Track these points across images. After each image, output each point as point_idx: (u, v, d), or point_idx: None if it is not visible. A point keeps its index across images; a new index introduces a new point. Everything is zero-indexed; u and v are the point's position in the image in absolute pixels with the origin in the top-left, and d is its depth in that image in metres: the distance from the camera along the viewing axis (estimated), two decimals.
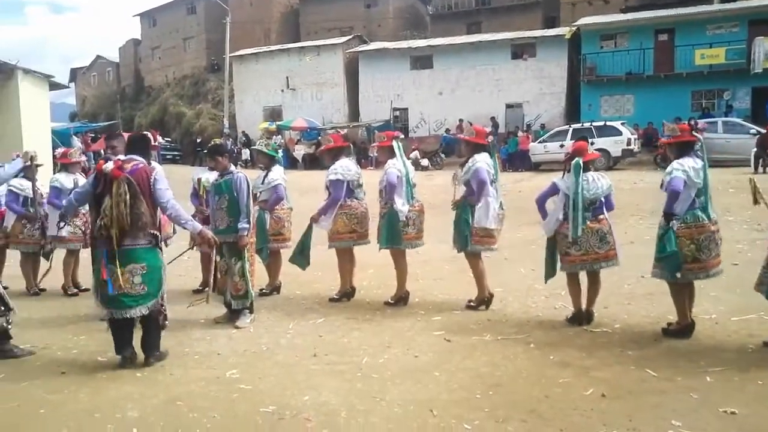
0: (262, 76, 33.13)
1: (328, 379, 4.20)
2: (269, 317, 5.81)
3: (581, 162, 5.15)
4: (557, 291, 6.28)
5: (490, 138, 6.11)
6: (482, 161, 5.68)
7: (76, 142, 22.74)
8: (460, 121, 26.89)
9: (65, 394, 4.02)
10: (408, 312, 5.89)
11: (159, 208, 4.58)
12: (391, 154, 6.10)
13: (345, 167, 6.20)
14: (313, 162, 26.88)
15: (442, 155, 25.01)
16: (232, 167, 5.70)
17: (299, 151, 27.95)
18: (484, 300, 5.89)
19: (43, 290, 7.17)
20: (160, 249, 4.64)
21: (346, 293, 6.39)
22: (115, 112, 42.30)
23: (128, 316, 4.45)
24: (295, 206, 6.86)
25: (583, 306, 5.36)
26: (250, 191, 5.58)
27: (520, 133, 24.11)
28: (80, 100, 50.65)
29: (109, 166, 4.41)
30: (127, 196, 4.29)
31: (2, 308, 4.78)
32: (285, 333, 5.33)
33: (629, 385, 4.01)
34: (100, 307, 4.53)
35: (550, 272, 5.51)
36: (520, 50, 27.76)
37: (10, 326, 4.82)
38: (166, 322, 4.73)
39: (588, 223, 5.16)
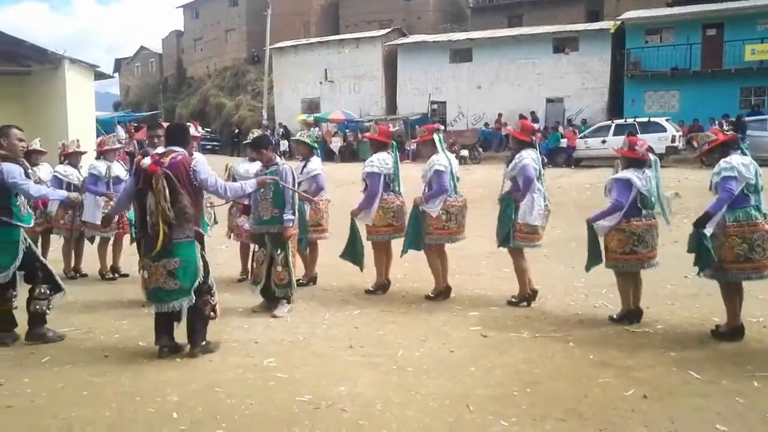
0: (301, 69, 33.33)
1: (364, 371, 4.21)
2: (306, 307, 5.85)
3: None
4: (597, 289, 6.18)
5: (537, 135, 6.03)
6: (529, 158, 5.61)
7: (120, 131, 23.29)
8: (499, 115, 26.66)
9: (108, 377, 4.11)
10: (444, 307, 5.85)
11: (199, 199, 4.53)
12: (434, 148, 6.03)
13: (382, 160, 6.18)
14: (349, 154, 27.02)
15: (480, 149, 24.78)
16: (277, 158, 5.73)
17: (336, 143, 28.08)
18: (525, 297, 5.81)
19: (84, 275, 7.39)
20: (201, 243, 4.57)
21: (382, 286, 6.39)
22: (158, 102, 43.11)
23: (165, 310, 4.44)
24: (331, 198, 6.91)
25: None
26: (296, 183, 5.63)
27: (561, 129, 23.67)
28: (124, 89, 51.81)
29: (147, 162, 4.34)
30: (167, 192, 4.21)
31: (48, 292, 4.92)
32: (321, 323, 5.36)
33: (671, 386, 3.91)
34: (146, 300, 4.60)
35: (594, 261, 5.43)
36: (562, 44, 27.28)
37: (49, 311, 4.97)
38: (213, 314, 4.64)
39: (652, 220, 5.12)
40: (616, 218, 5.10)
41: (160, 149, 4.55)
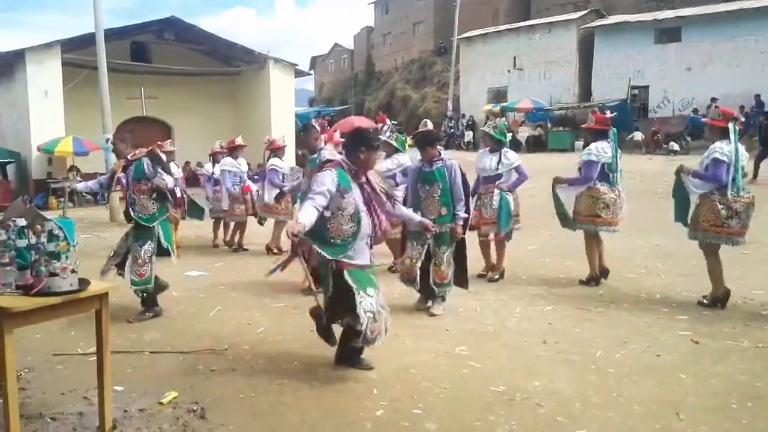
0: (489, 57, 32.91)
1: (559, 368, 4.07)
2: (495, 300, 5.81)
3: None
4: None
5: None
6: None
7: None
8: (713, 100, 23.98)
9: (314, 350, 4.40)
10: (647, 308, 5.45)
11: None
12: (724, 135, 5.37)
13: (602, 149, 5.97)
14: (537, 144, 26.21)
15: (688, 138, 22.53)
16: (443, 153, 5.51)
17: (523, 133, 27.39)
18: None
19: (246, 250, 8.92)
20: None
21: (594, 278, 6.19)
22: (348, 96, 45.47)
23: None
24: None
25: None
26: (465, 178, 5.41)
27: None
28: (318, 85, 55.42)
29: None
30: None
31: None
32: (512, 316, 5.29)
33: None
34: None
35: None
36: None
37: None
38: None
39: None
40: None
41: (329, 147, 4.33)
